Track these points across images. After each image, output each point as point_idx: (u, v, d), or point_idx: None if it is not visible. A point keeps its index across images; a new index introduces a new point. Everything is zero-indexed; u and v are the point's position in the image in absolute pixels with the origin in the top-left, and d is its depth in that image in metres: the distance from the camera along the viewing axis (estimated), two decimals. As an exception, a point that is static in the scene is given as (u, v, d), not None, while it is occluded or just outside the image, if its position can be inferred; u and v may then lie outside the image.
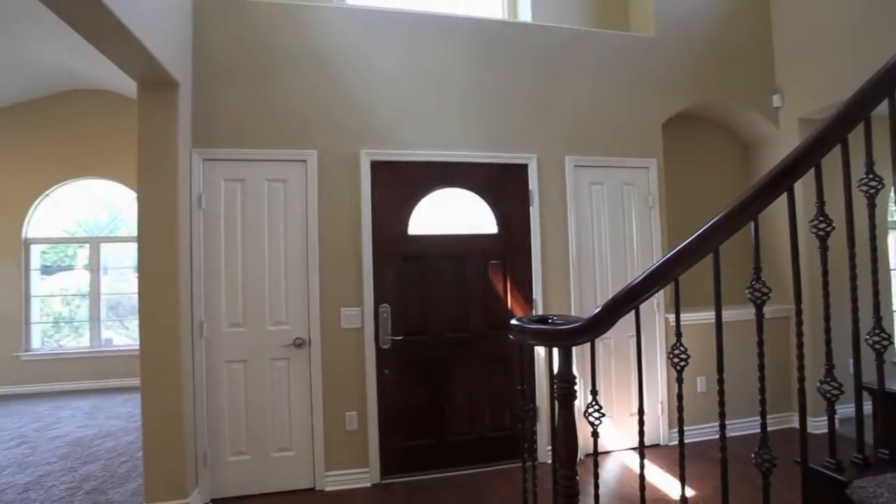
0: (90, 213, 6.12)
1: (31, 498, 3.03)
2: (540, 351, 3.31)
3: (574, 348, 1.50)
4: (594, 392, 1.55)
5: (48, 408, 5.04)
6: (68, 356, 5.84)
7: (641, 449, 1.51)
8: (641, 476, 1.51)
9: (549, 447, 3.17)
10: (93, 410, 4.90)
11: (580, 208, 3.51)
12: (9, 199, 5.68)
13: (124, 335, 6.26)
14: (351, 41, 3.17)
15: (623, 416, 3.49)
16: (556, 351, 1.58)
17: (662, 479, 3.00)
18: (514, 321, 1.69)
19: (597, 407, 1.51)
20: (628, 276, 3.54)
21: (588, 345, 1.50)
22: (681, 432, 1.47)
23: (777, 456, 1.36)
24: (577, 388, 1.57)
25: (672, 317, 3.60)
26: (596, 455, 1.55)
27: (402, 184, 3.22)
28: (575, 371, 1.51)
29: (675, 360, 1.45)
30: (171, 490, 2.69)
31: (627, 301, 1.44)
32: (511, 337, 1.71)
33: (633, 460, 3.31)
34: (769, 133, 4.01)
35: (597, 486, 1.56)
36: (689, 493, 2.80)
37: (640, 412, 1.53)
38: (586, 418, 1.51)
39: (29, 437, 4.18)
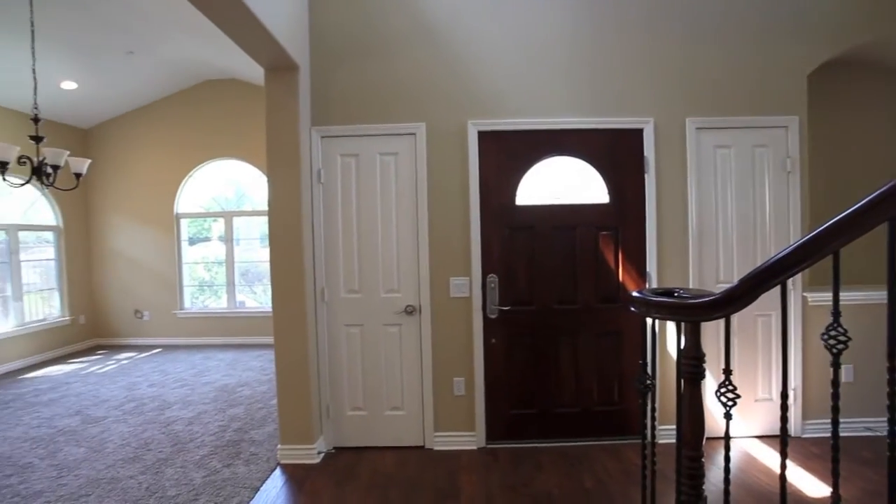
0: (221, 190, 6.90)
1: (195, 430, 3.61)
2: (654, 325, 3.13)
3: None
4: (728, 371, 1.43)
5: (199, 358, 5.90)
6: (211, 315, 6.75)
7: (784, 437, 1.38)
8: (783, 465, 1.39)
9: (663, 426, 3.05)
10: (233, 362, 5.65)
11: (702, 175, 3.20)
12: (165, 180, 6.62)
13: (253, 298, 7.06)
14: (457, 11, 3.14)
15: (747, 401, 3.20)
16: (683, 326, 1.49)
17: (796, 474, 2.73)
18: (635, 293, 1.62)
19: (731, 387, 1.41)
20: (758, 250, 3.19)
21: (714, 321, 1.39)
22: (835, 423, 1.32)
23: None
24: (705, 365, 1.48)
25: (811, 295, 3.20)
26: (728, 438, 1.46)
27: (509, 153, 3.17)
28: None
29: (833, 342, 1.29)
30: (301, 435, 3.04)
31: (773, 275, 1.30)
32: (632, 309, 1.64)
33: (756, 449, 3.05)
34: (955, 77, 3.29)
35: (727, 470, 1.47)
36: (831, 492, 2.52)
37: (784, 396, 1.40)
38: (718, 399, 1.42)
39: (188, 380, 4.95)
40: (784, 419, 1.39)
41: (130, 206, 6.67)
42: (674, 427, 3.15)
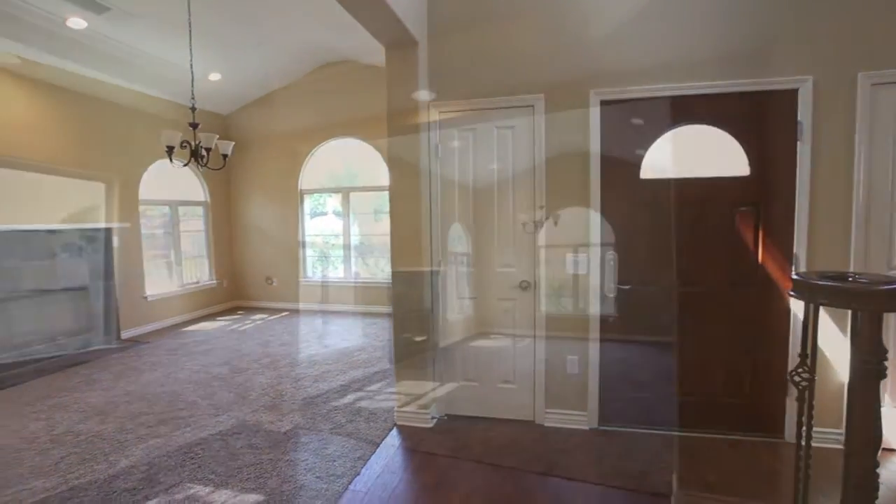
0: (338, 167, 7.36)
1: (321, 386, 3.99)
2: (798, 313, 2.77)
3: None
4: (923, 372, 1.22)
5: (320, 322, 6.48)
6: (329, 284, 7.34)
7: None
8: None
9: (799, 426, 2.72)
10: (349, 328, 6.11)
11: (876, 140, 2.70)
12: (290, 159, 7.24)
13: (366, 269, 7.52)
14: (579, -30, 2.95)
15: (920, 408, 2.73)
16: (860, 316, 1.30)
17: None
18: (796, 275, 1.45)
19: (927, 390, 1.20)
20: (948, 231, 2.65)
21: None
22: None
23: None
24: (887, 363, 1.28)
25: None
26: (916, 448, 1.25)
27: (633, 123, 2.96)
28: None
29: None
30: (416, 400, 3.20)
31: None
32: (792, 293, 1.46)
33: (931, 464, 2.60)
34: None
35: (913, 485, 1.27)
36: None
37: None
38: (907, 402, 1.22)
39: (312, 342, 5.47)
40: None
41: (262, 183, 7.42)
42: (822, 429, 2.82)
